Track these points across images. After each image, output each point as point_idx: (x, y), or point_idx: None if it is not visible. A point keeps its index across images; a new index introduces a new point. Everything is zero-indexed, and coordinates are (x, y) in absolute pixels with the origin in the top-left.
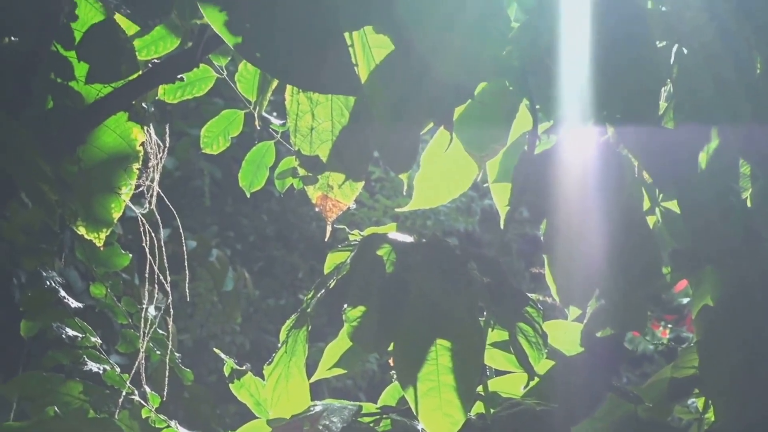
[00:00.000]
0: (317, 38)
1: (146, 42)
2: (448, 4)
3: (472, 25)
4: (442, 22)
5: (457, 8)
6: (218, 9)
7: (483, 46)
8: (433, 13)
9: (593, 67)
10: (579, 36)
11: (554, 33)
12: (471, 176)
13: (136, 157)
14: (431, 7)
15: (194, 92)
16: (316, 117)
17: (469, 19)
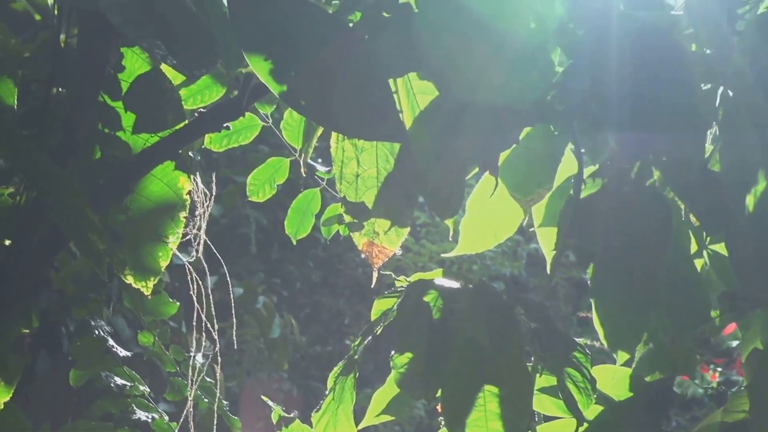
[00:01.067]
0: (362, 85)
1: (192, 91)
2: (491, 51)
3: (516, 70)
4: (485, 69)
5: (500, 55)
6: (263, 58)
7: (527, 91)
8: (477, 61)
9: (638, 110)
10: (623, 79)
11: (598, 77)
12: (517, 221)
13: (183, 206)
14: (475, 54)
15: (240, 140)
16: (362, 163)
17: (512, 64)
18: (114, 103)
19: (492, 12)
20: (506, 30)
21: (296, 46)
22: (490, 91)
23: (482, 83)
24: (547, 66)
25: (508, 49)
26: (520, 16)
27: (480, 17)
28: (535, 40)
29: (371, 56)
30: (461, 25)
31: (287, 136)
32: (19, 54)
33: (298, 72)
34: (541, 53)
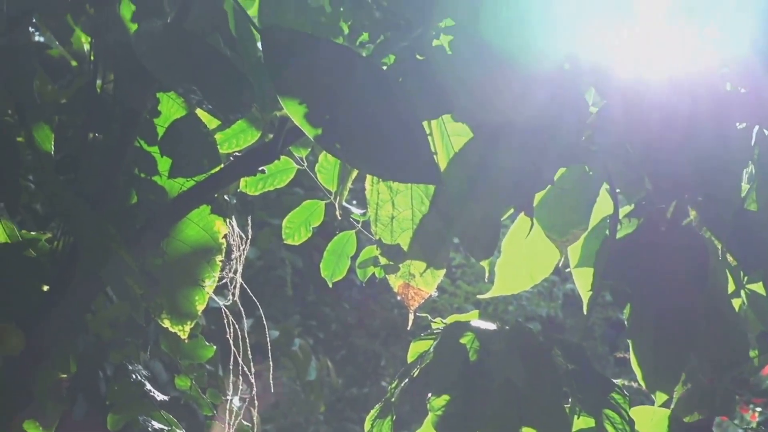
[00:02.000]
0: (396, 128)
1: (227, 135)
2: (525, 93)
3: (550, 111)
4: (519, 110)
5: (535, 96)
6: (298, 102)
7: (561, 132)
8: (510, 102)
9: (673, 150)
10: (658, 119)
11: (633, 117)
12: (553, 261)
13: (219, 250)
14: (508, 96)
15: (275, 184)
16: (397, 206)
17: (546, 105)
18: (150, 147)
19: (526, 54)
20: (540, 72)
21: (330, 90)
22: (525, 132)
23: (516, 126)
24: (581, 106)
25: (542, 91)
26: (554, 58)
27: (513, 59)
28: (569, 81)
29: (405, 99)
30: (494, 67)
31: (322, 179)
32: (56, 100)
33: (333, 115)
34: (575, 94)
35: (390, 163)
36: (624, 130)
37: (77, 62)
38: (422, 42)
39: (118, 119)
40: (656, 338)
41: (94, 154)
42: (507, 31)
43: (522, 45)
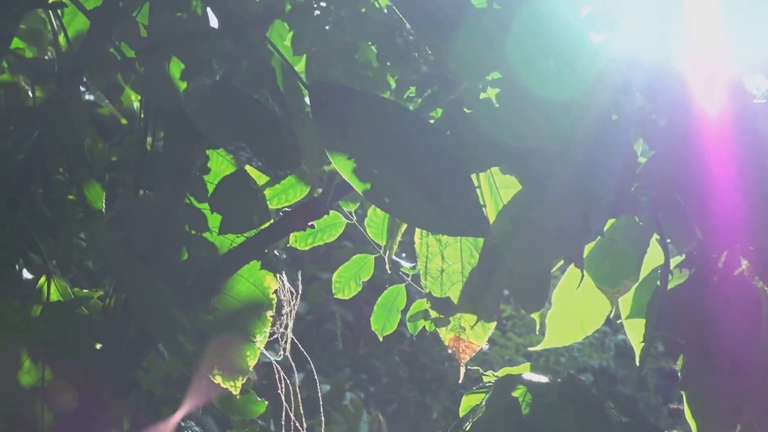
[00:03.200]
0: (445, 181)
1: (277, 191)
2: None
3: (598, 162)
4: (568, 162)
5: (583, 148)
6: (346, 156)
7: (610, 183)
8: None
9: (724, 200)
10: (708, 167)
11: (682, 167)
12: (604, 313)
13: (270, 305)
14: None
15: (325, 238)
16: (446, 259)
17: (594, 156)
18: (200, 204)
19: (574, 106)
20: (588, 123)
21: (378, 144)
22: (573, 183)
23: (564, 177)
24: (630, 157)
25: (590, 142)
26: (602, 109)
27: (561, 111)
28: (617, 131)
29: (454, 152)
30: (542, 119)
31: (371, 233)
32: (107, 158)
33: (381, 169)
34: (623, 144)
35: (439, 216)
36: (673, 180)
37: (127, 120)
38: (470, 95)
39: (168, 176)
40: (711, 390)
41: (144, 211)
42: (554, 84)
43: (570, 97)
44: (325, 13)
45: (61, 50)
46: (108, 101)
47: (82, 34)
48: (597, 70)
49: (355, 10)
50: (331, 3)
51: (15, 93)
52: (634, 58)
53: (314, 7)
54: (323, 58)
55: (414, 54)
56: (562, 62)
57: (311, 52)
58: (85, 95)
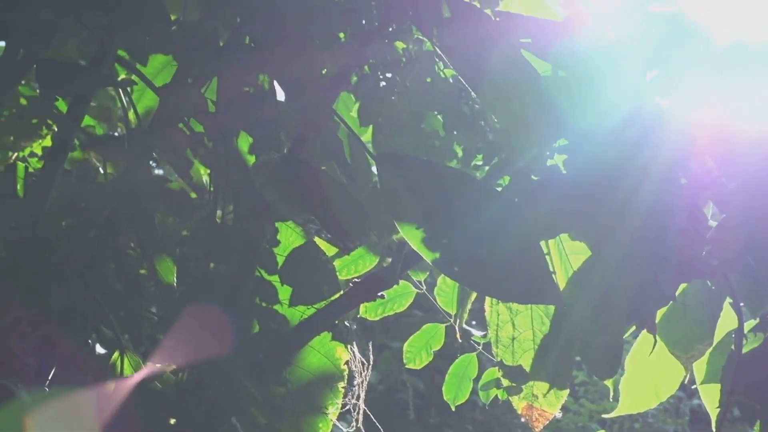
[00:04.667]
0: (514, 249)
1: (346, 262)
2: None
3: (669, 227)
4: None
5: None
6: (415, 226)
7: (681, 247)
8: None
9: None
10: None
11: (754, 229)
12: (678, 378)
13: (342, 376)
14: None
15: (395, 308)
16: (517, 326)
17: (665, 221)
18: (270, 276)
19: (642, 171)
20: (657, 187)
21: (446, 214)
22: (644, 248)
23: (635, 242)
24: (700, 220)
25: (660, 207)
26: (670, 173)
27: (629, 176)
28: (686, 195)
29: (522, 220)
30: (611, 185)
31: (441, 302)
32: (177, 232)
33: (450, 239)
34: (693, 208)
35: (509, 284)
36: (746, 242)
37: (197, 194)
38: (537, 162)
39: (238, 250)
40: None
41: (215, 284)
42: (621, 149)
43: (637, 161)
44: (390, 84)
45: (131, 127)
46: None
47: (151, 110)
48: (664, 133)
49: (421, 80)
50: (396, 74)
51: (86, 170)
52: (701, 120)
53: (380, 78)
54: (390, 128)
55: (480, 122)
56: (629, 127)
57: (378, 122)
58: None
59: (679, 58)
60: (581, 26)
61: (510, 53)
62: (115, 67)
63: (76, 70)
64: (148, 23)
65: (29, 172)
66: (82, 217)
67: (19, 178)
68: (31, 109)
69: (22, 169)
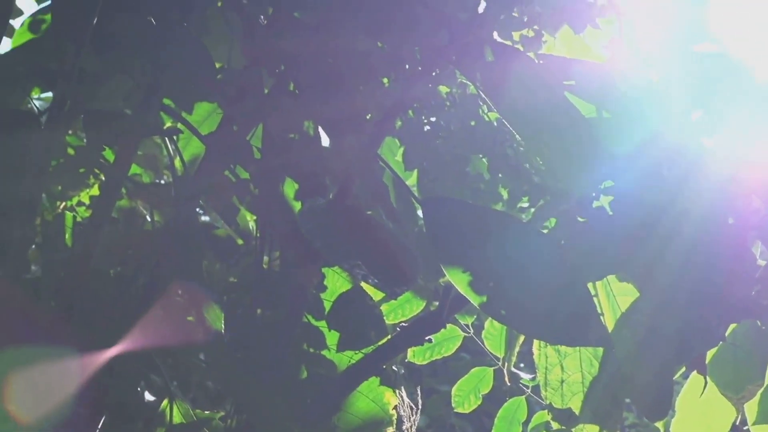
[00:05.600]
0: (561, 291)
1: (393, 306)
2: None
3: (717, 267)
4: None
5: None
6: (461, 270)
7: (730, 288)
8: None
9: None
10: None
11: None
12: (729, 419)
13: (390, 421)
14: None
15: (442, 352)
16: (566, 369)
17: (713, 262)
18: (318, 322)
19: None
20: (705, 228)
21: (493, 257)
22: (693, 289)
23: (683, 283)
24: (749, 260)
25: (708, 247)
26: (717, 213)
27: (677, 218)
28: (734, 235)
29: (569, 262)
30: (657, 226)
31: (489, 345)
32: (225, 279)
33: (497, 282)
34: (741, 248)
35: (556, 327)
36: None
37: (243, 241)
38: (582, 204)
39: (285, 296)
40: None
41: (263, 331)
42: (667, 190)
43: (684, 202)
44: (435, 128)
45: (177, 174)
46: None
47: (197, 157)
48: (709, 173)
49: (465, 123)
50: (441, 118)
51: (134, 218)
52: (747, 160)
53: (424, 122)
54: (434, 171)
55: (525, 165)
56: (675, 168)
57: (422, 166)
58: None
59: (723, 98)
60: (625, 67)
61: (554, 95)
62: (161, 115)
63: (123, 120)
64: (194, 72)
65: (77, 221)
66: (130, 265)
67: (67, 227)
68: (79, 159)
69: (70, 219)
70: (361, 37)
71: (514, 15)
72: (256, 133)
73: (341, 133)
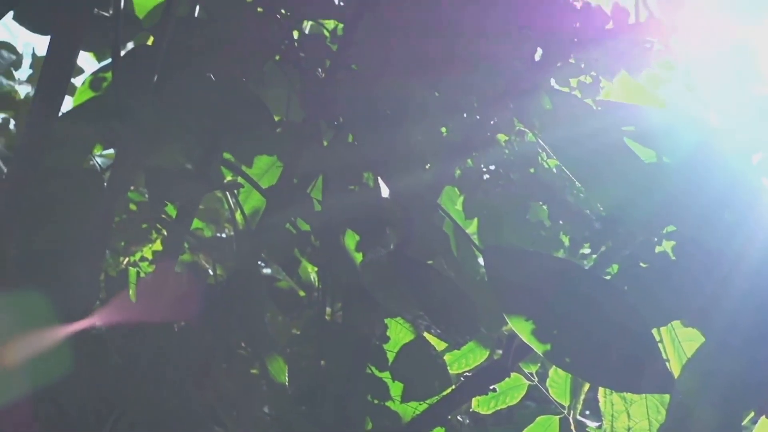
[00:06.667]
0: (626, 338)
1: (457, 356)
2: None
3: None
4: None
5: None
6: (524, 318)
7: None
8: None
9: None
10: None
11: None
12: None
13: None
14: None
15: (507, 401)
16: (632, 416)
17: None
18: (381, 373)
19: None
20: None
21: (555, 304)
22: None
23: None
24: None
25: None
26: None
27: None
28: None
29: (633, 308)
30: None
31: (554, 393)
32: (288, 331)
33: (560, 329)
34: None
35: (622, 374)
36: None
37: (305, 293)
38: (645, 249)
39: (348, 347)
40: None
41: (327, 383)
42: (730, 234)
43: (746, 247)
44: (494, 176)
45: (238, 228)
46: (286, 275)
47: (258, 210)
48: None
49: (524, 171)
50: (500, 166)
51: (196, 272)
52: None
53: (483, 171)
54: (495, 219)
55: (586, 211)
56: (736, 211)
57: (482, 214)
58: (263, 270)
59: None
60: (683, 111)
61: (613, 141)
62: (222, 169)
63: (184, 175)
64: (253, 126)
65: (140, 276)
66: (194, 319)
67: (131, 282)
68: (141, 214)
69: (133, 274)
70: (418, 87)
71: (570, 62)
72: (316, 185)
73: (401, 183)
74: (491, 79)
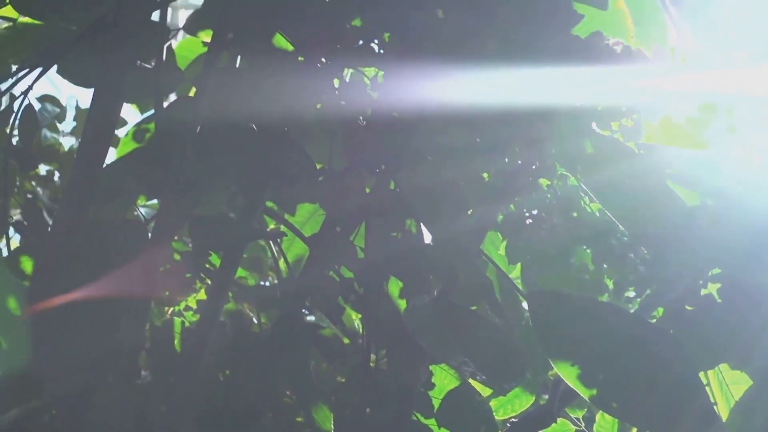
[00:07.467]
0: (673, 382)
1: (502, 402)
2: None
3: None
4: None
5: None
6: (570, 363)
7: None
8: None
9: None
10: None
11: None
12: None
13: None
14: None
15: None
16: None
17: None
18: (427, 420)
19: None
20: None
21: (601, 349)
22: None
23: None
24: None
25: None
26: None
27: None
28: None
29: (679, 351)
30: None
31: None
32: (332, 379)
33: (606, 374)
34: None
35: (669, 419)
36: None
37: (350, 340)
38: (690, 292)
39: (393, 394)
40: None
41: (373, 430)
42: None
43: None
44: (537, 221)
45: (282, 276)
46: (330, 322)
47: (301, 258)
48: None
49: (567, 215)
50: (542, 210)
51: (241, 321)
52: None
53: (526, 216)
54: (538, 264)
55: (630, 254)
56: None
57: (526, 259)
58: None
59: None
60: (726, 152)
61: (655, 184)
62: (265, 218)
63: (227, 224)
64: (295, 175)
65: (185, 326)
66: (239, 368)
67: (176, 332)
68: (185, 264)
69: (178, 324)
70: (459, 133)
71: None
72: (359, 233)
73: (443, 230)
74: (533, 124)
